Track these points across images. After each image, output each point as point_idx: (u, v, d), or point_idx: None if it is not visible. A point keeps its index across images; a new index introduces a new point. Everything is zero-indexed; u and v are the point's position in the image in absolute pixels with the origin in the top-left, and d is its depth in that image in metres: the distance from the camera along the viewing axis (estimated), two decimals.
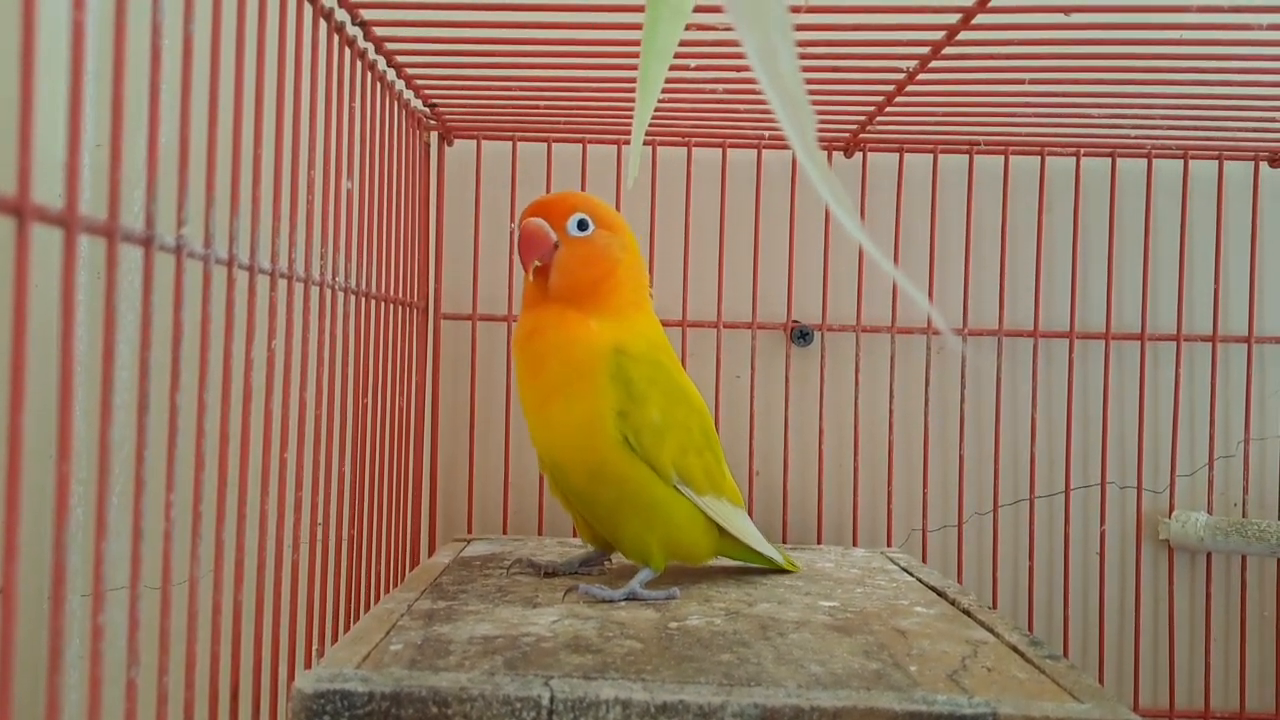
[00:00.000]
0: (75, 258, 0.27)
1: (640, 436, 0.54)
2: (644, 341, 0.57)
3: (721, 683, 0.40)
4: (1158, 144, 0.77)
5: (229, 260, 0.40)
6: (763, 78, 0.28)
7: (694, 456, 0.57)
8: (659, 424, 0.55)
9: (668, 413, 0.55)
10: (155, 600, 0.36)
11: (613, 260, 0.57)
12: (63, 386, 0.28)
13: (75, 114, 0.27)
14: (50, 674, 0.27)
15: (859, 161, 0.79)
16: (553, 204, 0.57)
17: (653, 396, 0.55)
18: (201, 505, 0.38)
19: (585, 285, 0.56)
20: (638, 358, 0.55)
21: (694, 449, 0.57)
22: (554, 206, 0.57)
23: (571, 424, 0.55)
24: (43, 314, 0.32)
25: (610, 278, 0.57)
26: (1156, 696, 0.80)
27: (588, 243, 0.56)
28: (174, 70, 0.35)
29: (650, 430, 0.54)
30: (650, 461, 0.55)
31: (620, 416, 0.54)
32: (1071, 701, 0.39)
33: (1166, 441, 0.80)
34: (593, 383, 0.54)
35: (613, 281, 0.57)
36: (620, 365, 0.54)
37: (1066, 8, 0.53)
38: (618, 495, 0.55)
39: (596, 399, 0.54)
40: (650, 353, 0.57)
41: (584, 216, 0.56)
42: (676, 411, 0.56)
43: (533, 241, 0.56)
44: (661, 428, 0.55)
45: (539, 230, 0.56)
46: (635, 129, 0.43)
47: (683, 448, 0.56)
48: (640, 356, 0.56)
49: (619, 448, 0.54)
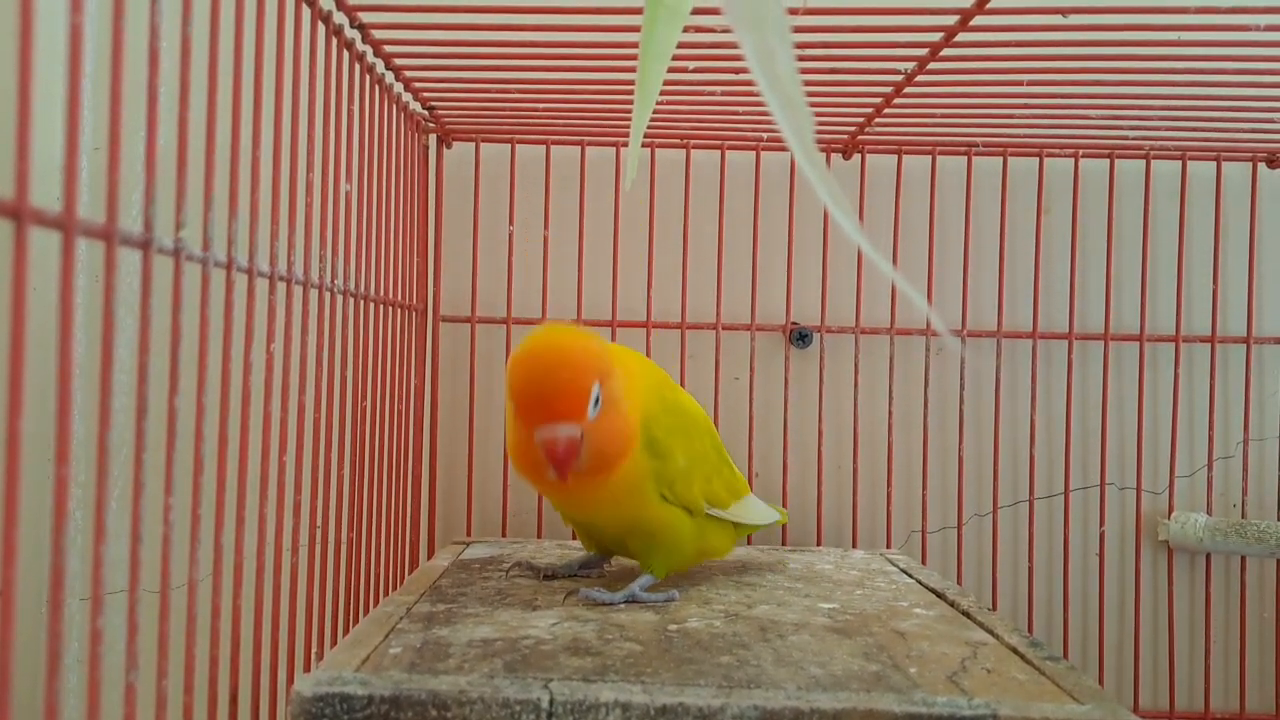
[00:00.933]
0: (73, 261, 0.27)
1: (674, 487, 0.54)
2: (652, 395, 0.55)
3: (721, 685, 0.40)
4: (1156, 145, 0.77)
5: (227, 263, 0.40)
6: (761, 80, 0.28)
7: (716, 479, 0.58)
8: (686, 468, 0.55)
9: (689, 452, 0.55)
10: (154, 604, 0.36)
11: (629, 429, 0.52)
12: (61, 390, 0.28)
13: (73, 117, 0.27)
14: (49, 678, 0.27)
15: (857, 163, 0.80)
16: (568, 392, 0.48)
17: (677, 445, 0.54)
18: (200, 508, 0.38)
19: (614, 458, 0.51)
20: (657, 416, 0.54)
21: (714, 471, 0.58)
22: (571, 396, 0.48)
23: (606, 498, 0.53)
24: (41, 317, 0.32)
25: (633, 437, 0.52)
26: (1156, 698, 0.80)
27: (604, 420, 0.49)
28: (172, 73, 0.35)
29: (681, 477, 0.55)
30: (684, 504, 0.55)
31: (656, 477, 0.54)
32: (1071, 703, 0.39)
33: (1166, 442, 0.80)
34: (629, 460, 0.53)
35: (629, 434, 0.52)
36: (648, 431, 0.53)
37: (1064, 9, 0.53)
38: (650, 537, 0.55)
39: (632, 471, 0.53)
40: (662, 402, 0.55)
41: (597, 392, 0.49)
42: (695, 446, 0.56)
43: (570, 455, 0.48)
44: (689, 470, 0.55)
45: (572, 442, 0.48)
46: (634, 131, 0.43)
47: (707, 477, 0.57)
48: (658, 414, 0.54)
49: (656, 503, 0.54)
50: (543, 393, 0.48)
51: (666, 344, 0.80)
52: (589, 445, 0.49)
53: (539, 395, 0.48)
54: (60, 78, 0.71)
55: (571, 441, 0.48)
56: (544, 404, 0.48)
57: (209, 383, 0.38)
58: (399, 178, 0.69)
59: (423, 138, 0.77)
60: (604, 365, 0.50)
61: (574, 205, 0.79)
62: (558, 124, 0.75)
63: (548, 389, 0.48)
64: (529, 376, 0.49)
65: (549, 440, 0.48)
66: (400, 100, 0.69)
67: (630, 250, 0.79)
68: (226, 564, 0.41)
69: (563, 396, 0.48)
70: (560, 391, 0.48)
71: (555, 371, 0.49)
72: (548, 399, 0.48)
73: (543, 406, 0.48)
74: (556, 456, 0.48)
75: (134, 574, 0.32)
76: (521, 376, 0.49)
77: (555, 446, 0.48)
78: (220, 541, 0.40)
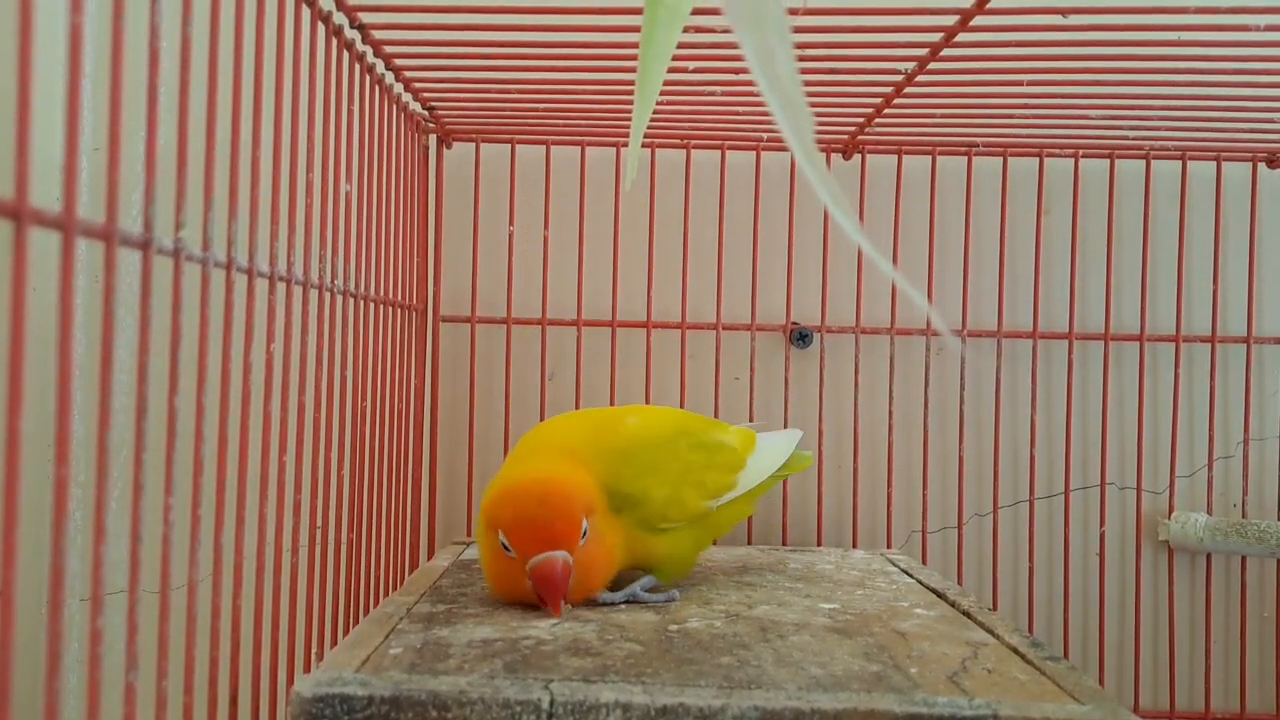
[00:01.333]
0: (73, 261, 0.27)
1: (668, 514, 0.55)
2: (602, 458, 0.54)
3: (722, 685, 0.40)
4: (1156, 145, 0.77)
5: (227, 263, 0.40)
6: (761, 80, 0.28)
7: (710, 472, 0.58)
8: (671, 493, 0.55)
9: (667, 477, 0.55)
10: (154, 604, 0.36)
11: (611, 553, 0.53)
12: (61, 390, 0.28)
13: (73, 117, 0.27)
14: (48, 678, 0.27)
15: (858, 163, 0.80)
16: (562, 521, 0.50)
17: (650, 484, 0.54)
18: (200, 509, 0.38)
19: (597, 586, 0.53)
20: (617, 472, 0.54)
21: (704, 469, 0.57)
22: (564, 525, 0.50)
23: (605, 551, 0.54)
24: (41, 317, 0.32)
25: (613, 566, 0.54)
26: (1157, 698, 0.80)
27: (590, 547, 0.51)
28: (172, 73, 0.35)
29: (672, 503, 0.55)
30: (686, 519, 0.56)
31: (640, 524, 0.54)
32: (1072, 703, 0.39)
33: (1166, 442, 0.80)
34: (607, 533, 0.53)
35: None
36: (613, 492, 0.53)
37: (1064, 9, 0.53)
38: (653, 560, 0.56)
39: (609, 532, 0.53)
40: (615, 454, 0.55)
41: (585, 525, 0.51)
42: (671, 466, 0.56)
43: (565, 581, 0.50)
44: (675, 493, 0.55)
45: (567, 567, 0.50)
46: (634, 131, 0.43)
47: (699, 481, 0.57)
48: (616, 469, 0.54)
49: (650, 540, 0.55)
50: (537, 522, 0.49)
51: (667, 344, 0.80)
52: (575, 574, 0.50)
53: (533, 524, 0.50)
54: (60, 78, 0.71)
55: (567, 566, 0.49)
56: (538, 532, 0.49)
57: (209, 383, 0.38)
58: (399, 178, 0.69)
59: (423, 138, 0.77)
60: (589, 499, 0.52)
61: (574, 205, 0.79)
62: (558, 124, 0.75)
63: (542, 517, 0.50)
64: (522, 508, 0.50)
65: (544, 566, 0.49)
66: (400, 100, 0.69)
67: (630, 250, 0.79)
68: (226, 564, 0.41)
69: (558, 525, 0.50)
70: (555, 520, 0.50)
71: (549, 500, 0.50)
72: (543, 527, 0.49)
73: (537, 535, 0.49)
74: (553, 582, 0.49)
75: (134, 574, 0.32)
76: (513, 509, 0.50)
77: (552, 572, 0.49)
78: (220, 542, 0.40)
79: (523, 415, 0.80)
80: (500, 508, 0.51)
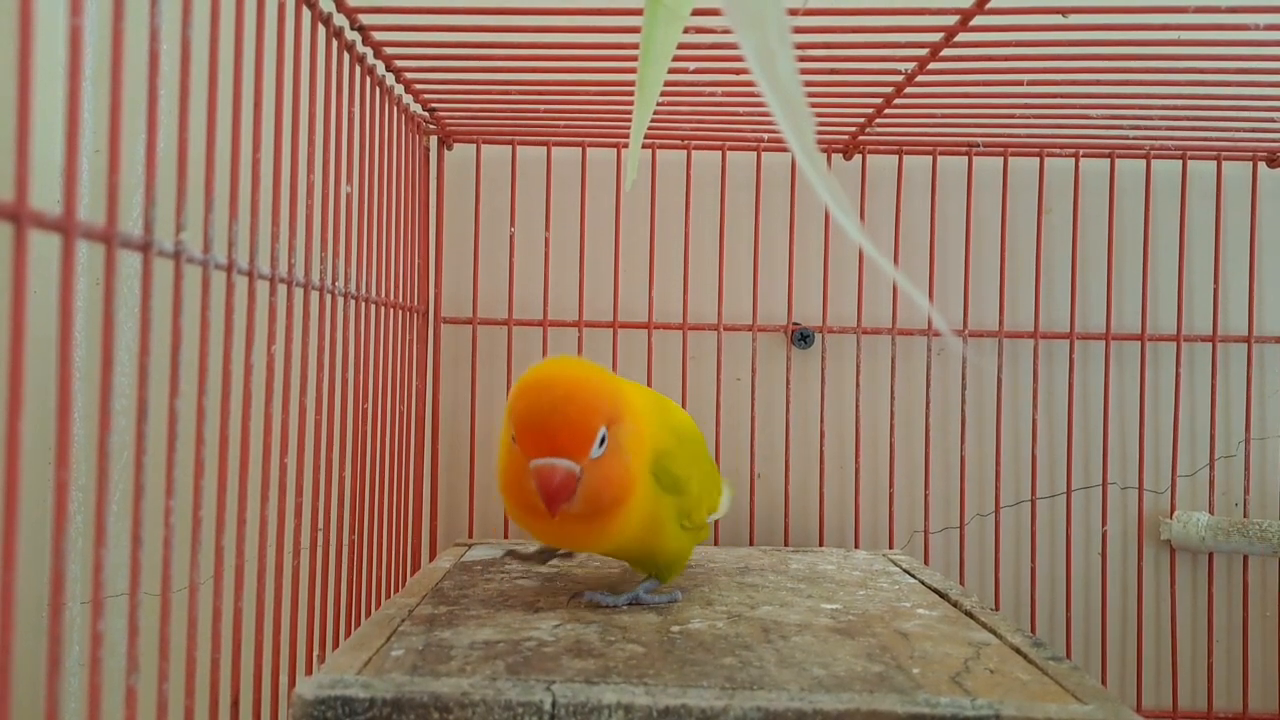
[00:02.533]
0: (74, 263, 0.27)
1: (692, 515, 0.54)
2: (665, 431, 0.52)
3: (724, 686, 0.40)
4: (1156, 144, 0.77)
5: (228, 265, 0.40)
6: (761, 81, 0.28)
7: (713, 489, 0.58)
8: (699, 494, 0.54)
9: (700, 477, 0.55)
10: (155, 607, 0.36)
11: (630, 471, 0.48)
12: (61, 392, 0.28)
13: (73, 119, 0.27)
14: (49, 681, 0.27)
15: (858, 164, 0.79)
16: (573, 429, 0.45)
17: (692, 475, 0.53)
18: (201, 511, 0.38)
19: (609, 505, 0.48)
20: (673, 453, 0.51)
21: (712, 483, 0.58)
22: (575, 432, 0.46)
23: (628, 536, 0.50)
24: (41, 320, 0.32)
25: (631, 487, 0.49)
26: (1159, 697, 0.79)
27: (605, 463, 0.47)
28: (172, 75, 0.35)
29: (696, 505, 0.54)
30: (695, 525, 0.55)
31: (678, 512, 0.52)
32: (1074, 703, 0.39)
33: (1167, 442, 0.80)
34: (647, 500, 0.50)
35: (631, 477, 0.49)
36: (668, 471, 0.50)
37: (1064, 9, 0.53)
38: (664, 557, 0.54)
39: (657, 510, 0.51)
40: (675, 435, 0.53)
41: (604, 433, 0.46)
42: (702, 468, 0.55)
43: (564, 490, 0.45)
44: (700, 495, 0.54)
45: (569, 477, 0.45)
46: (634, 132, 0.43)
47: (707, 490, 0.56)
48: (674, 450, 0.52)
49: (675, 534, 0.52)
50: (548, 424, 0.45)
51: (668, 345, 0.80)
52: (585, 487, 0.46)
53: (543, 426, 0.45)
54: (60, 80, 0.71)
55: (569, 476, 0.45)
56: (547, 436, 0.45)
57: (210, 385, 0.38)
58: (400, 179, 0.69)
59: (423, 139, 0.77)
60: (615, 408, 0.47)
61: (575, 206, 0.79)
62: (558, 125, 0.75)
63: (554, 421, 0.45)
64: (536, 405, 0.46)
65: (544, 471, 0.45)
66: (401, 102, 0.69)
67: (631, 251, 0.79)
68: (228, 567, 0.41)
69: (567, 431, 0.45)
70: (566, 425, 0.45)
71: (565, 404, 0.46)
72: (551, 431, 0.45)
73: (545, 438, 0.45)
74: (550, 490, 0.45)
75: (135, 577, 0.32)
76: (528, 403, 0.46)
77: (550, 479, 0.45)
78: (221, 544, 0.40)
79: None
80: (518, 399, 0.46)
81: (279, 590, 0.48)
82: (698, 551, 0.71)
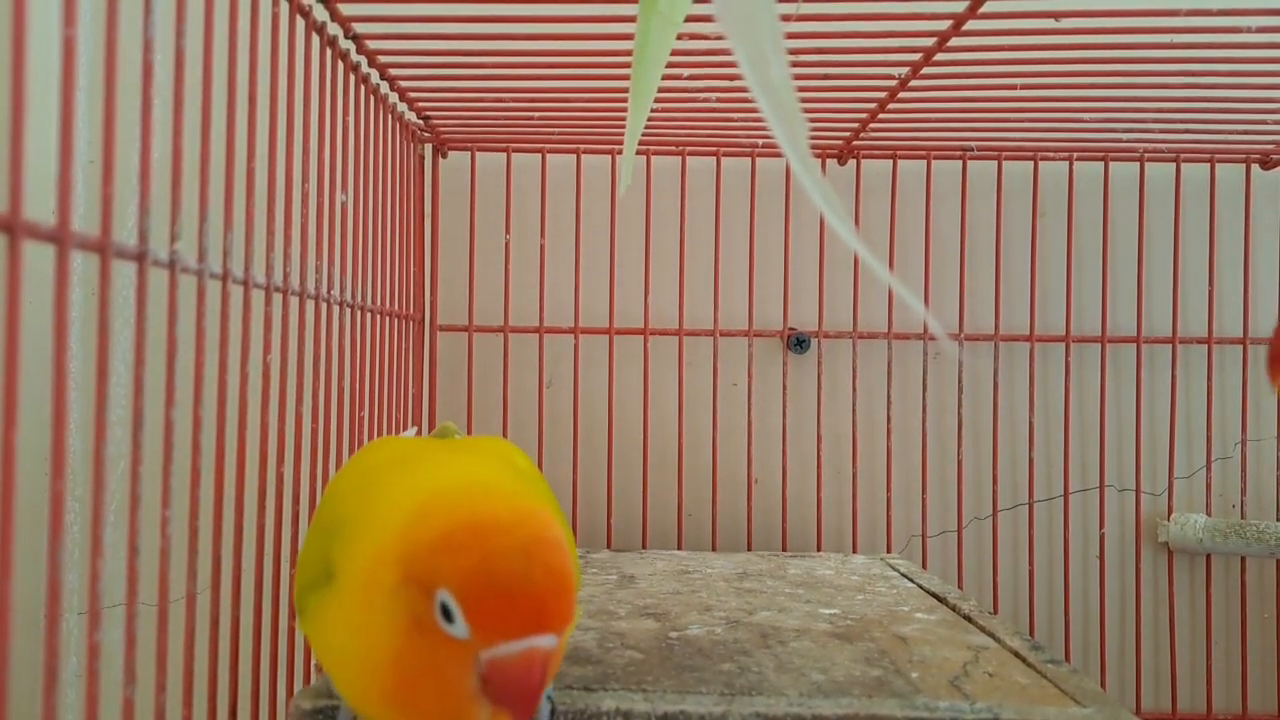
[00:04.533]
0: (68, 274, 0.27)
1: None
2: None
3: (723, 692, 0.40)
4: (1150, 147, 0.77)
5: (223, 275, 0.40)
6: (755, 86, 0.28)
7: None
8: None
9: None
10: (152, 617, 0.36)
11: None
12: (56, 403, 0.28)
13: (67, 130, 0.27)
14: (46, 693, 0.27)
15: (852, 168, 0.80)
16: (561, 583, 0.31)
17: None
18: (198, 521, 0.38)
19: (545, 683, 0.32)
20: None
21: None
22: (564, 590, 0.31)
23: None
24: (36, 331, 0.32)
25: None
26: (1158, 699, 0.79)
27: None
28: (166, 85, 0.35)
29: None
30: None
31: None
32: (1074, 706, 0.39)
33: (1164, 444, 0.80)
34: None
35: None
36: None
37: (1056, 13, 0.53)
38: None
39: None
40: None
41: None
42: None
43: (543, 684, 0.30)
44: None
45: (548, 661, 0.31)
46: (628, 138, 0.43)
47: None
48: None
49: None
50: (530, 585, 0.30)
51: (664, 351, 0.80)
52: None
53: (523, 589, 0.30)
54: (54, 90, 0.71)
55: (548, 659, 0.30)
56: (534, 603, 0.30)
57: (205, 395, 0.38)
58: (395, 188, 0.69)
59: (418, 147, 0.77)
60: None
61: (570, 213, 0.79)
62: (553, 132, 0.75)
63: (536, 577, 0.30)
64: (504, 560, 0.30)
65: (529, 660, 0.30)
66: (395, 110, 0.69)
67: (627, 257, 0.79)
68: (225, 577, 0.40)
69: (556, 590, 0.31)
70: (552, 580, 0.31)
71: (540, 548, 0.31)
72: (539, 595, 0.30)
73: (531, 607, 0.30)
74: (532, 687, 0.30)
75: (132, 587, 0.32)
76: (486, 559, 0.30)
77: (535, 670, 0.30)
78: (219, 554, 0.39)
79: (521, 423, 0.80)
80: (459, 554, 0.30)
81: (277, 600, 0.48)
82: (695, 556, 0.71)
